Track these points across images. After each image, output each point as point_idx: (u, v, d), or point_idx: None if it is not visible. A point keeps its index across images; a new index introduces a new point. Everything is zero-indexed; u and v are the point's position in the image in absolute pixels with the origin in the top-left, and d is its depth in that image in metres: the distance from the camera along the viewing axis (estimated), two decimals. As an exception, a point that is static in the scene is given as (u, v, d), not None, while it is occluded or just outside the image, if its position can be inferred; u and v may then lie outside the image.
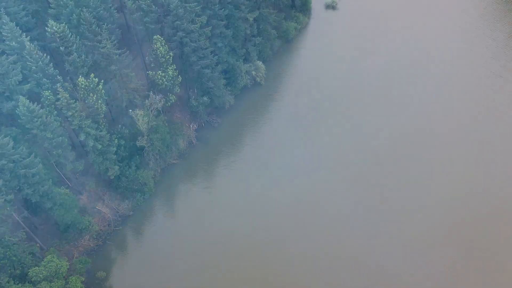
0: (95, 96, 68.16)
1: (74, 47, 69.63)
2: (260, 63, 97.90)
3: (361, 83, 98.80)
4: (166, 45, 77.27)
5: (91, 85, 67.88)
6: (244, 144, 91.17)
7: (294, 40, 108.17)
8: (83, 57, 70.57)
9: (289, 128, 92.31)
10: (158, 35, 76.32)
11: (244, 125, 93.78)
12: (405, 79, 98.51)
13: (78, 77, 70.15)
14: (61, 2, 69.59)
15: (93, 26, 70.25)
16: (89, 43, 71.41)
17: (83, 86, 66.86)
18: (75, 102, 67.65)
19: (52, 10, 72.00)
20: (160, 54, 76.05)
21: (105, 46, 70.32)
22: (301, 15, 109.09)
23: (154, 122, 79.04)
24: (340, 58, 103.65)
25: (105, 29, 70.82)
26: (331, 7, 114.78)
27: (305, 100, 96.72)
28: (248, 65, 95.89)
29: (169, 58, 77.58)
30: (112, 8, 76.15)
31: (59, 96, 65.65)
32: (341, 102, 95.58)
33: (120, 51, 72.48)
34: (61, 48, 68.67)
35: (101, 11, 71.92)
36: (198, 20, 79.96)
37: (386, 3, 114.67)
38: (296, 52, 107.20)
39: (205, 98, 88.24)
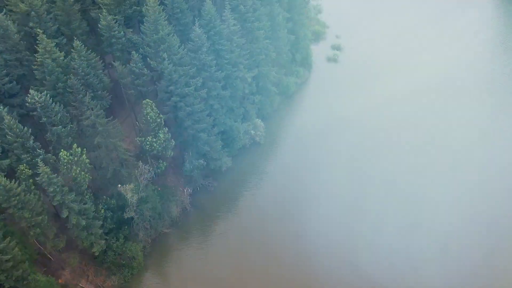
0: (78, 168, 62.03)
1: (58, 117, 64.05)
2: (259, 121, 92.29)
3: (363, 139, 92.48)
4: (157, 109, 71.76)
5: (75, 158, 61.88)
6: (241, 209, 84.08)
7: (295, 95, 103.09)
8: (68, 127, 64.92)
9: (289, 190, 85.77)
10: (148, 100, 70.95)
11: (242, 188, 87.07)
12: (410, 135, 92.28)
13: (62, 147, 64.71)
14: (46, 69, 64.47)
15: (80, 95, 64.93)
16: (74, 112, 65.98)
17: (65, 160, 60.82)
18: (57, 177, 61.48)
19: (38, 74, 66.87)
20: (150, 120, 70.45)
21: (89, 117, 64.72)
22: (302, 70, 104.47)
23: (143, 193, 72.61)
24: (341, 113, 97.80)
25: (91, 97, 65.33)
26: (332, 60, 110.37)
27: (306, 159, 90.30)
28: (247, 124, 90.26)
29: (160, 121, 71.98)
30: (102, 73, 71.02)
31: (39, 172, 59.58)
32: (342, 159, 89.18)
33: (107, 119, 66.77)
34: (43, 118, 63.13)
35: (90, 79, 66.60)
36: (192, 83, 74.83)
37: (390, 55, 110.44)
38: (296, 107, 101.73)
39: (200, 161, 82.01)
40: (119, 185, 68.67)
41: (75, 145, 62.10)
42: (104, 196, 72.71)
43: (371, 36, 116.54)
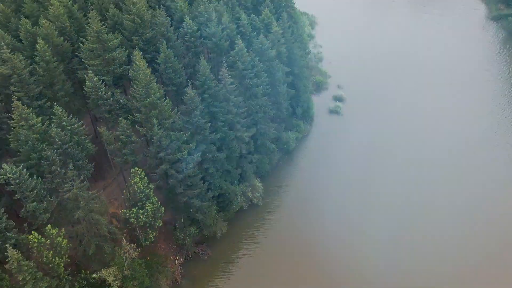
0: (51, 252, 54.22)
1: (34, 193, 56.69)
2: (257, 182, 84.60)
3: (365, 199, 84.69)
4: (146, 178, 64.58)
5: (47, 241, 54.16)
6: (237, 279, 75.53)
7: (295, 151, 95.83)
8: (44, 203, 57.47)
9: (288, 257, 77.47)
10: (136, 168, 63.79)
11: (238, 257, 78.44)
12: (412, 197, 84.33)
13: (38, 224, 57.34)
14: (20, 139, 57.55)
15: (57, 167, 57.75)
16: (51, 184, 58.67)
17: (35, 244, 53.09)
18: (29, 262, 53.62)
19: (13, 143, 59.92)
20: (138, 190, 63.09)
21: (71, 189, 57.41)
22: (303, 123, 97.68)
23: (129, 271, 64.48)
24: (342, 170, 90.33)
25: (71, 169, 58.14)
26: (334, 112, 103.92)
27: (305, 223, 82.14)
28: (244, 185, 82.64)
29: (149, 192, 64.61)
30: (86, 139, 64.09)
31: (8, 259, 51.86)
32: (343, 223, 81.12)
33: (89, 193, 59.27)
34: (17, 195, 55.83)
35: (69, 149, 59.51)
36: (185, 148, 67.89)
37: (395, 107, 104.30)
38: (296, 164, 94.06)
39: (192, 230, 74.20)
40: (95, 273, 60.54)
41: (49, 226, 54.49)
42: (84, 271, 64.33)
43: (374, 84, 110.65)
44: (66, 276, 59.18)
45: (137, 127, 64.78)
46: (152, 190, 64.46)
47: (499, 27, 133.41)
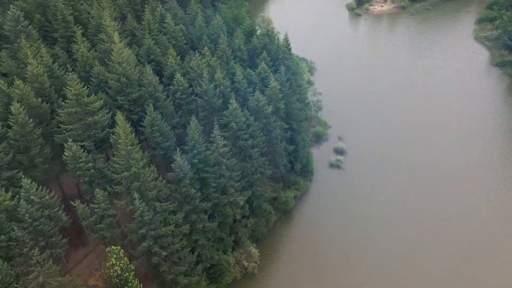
0: None
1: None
2: (253, 247, 76.15)
3: (370, 262, 76.05)
4: (126, 258, 56.48)
5: None
6: None
7: (294, 210, 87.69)
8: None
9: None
10: (113, 247, 55.80)
11: (230, 335, 70.13)
12: (413, 256, 76.26)
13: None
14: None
15: (28, 247, 50.04)
16: (19, 268, 50.71)
17: None
18: None
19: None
20: (114, 274, 54.83)
21: (37, 277, 49.35)
22: (302, 180, 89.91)
23: None
24: (343, 230, 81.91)
25: (42, 246, 50.34)
26: (335, 166, 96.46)
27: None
28: (238, 252, 74.38)
29: (128, 275, 56.28)
30: (59, 210, 56.38)
31: None
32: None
33: (58, 280, 51.09)
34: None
35: (40, 226, 51.86)
36: (172, 220, 60.09)
37: (398, 159, 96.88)
38: (295, 224, 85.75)
39: (180, 310, 65.57)
40: None
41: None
42: None
43: (376, 135, 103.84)
44: None
45: (115, 201, 57.16)
46: (132, 273, 56.15)
47: (503, 73, 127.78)
